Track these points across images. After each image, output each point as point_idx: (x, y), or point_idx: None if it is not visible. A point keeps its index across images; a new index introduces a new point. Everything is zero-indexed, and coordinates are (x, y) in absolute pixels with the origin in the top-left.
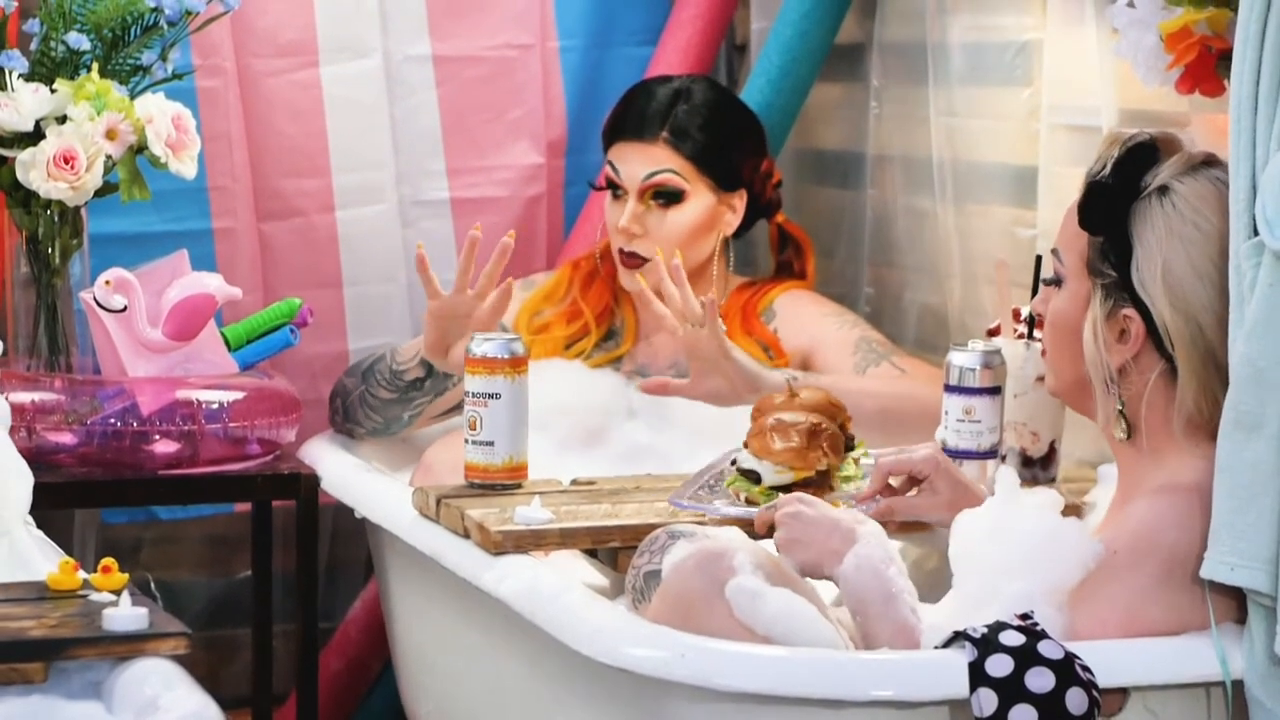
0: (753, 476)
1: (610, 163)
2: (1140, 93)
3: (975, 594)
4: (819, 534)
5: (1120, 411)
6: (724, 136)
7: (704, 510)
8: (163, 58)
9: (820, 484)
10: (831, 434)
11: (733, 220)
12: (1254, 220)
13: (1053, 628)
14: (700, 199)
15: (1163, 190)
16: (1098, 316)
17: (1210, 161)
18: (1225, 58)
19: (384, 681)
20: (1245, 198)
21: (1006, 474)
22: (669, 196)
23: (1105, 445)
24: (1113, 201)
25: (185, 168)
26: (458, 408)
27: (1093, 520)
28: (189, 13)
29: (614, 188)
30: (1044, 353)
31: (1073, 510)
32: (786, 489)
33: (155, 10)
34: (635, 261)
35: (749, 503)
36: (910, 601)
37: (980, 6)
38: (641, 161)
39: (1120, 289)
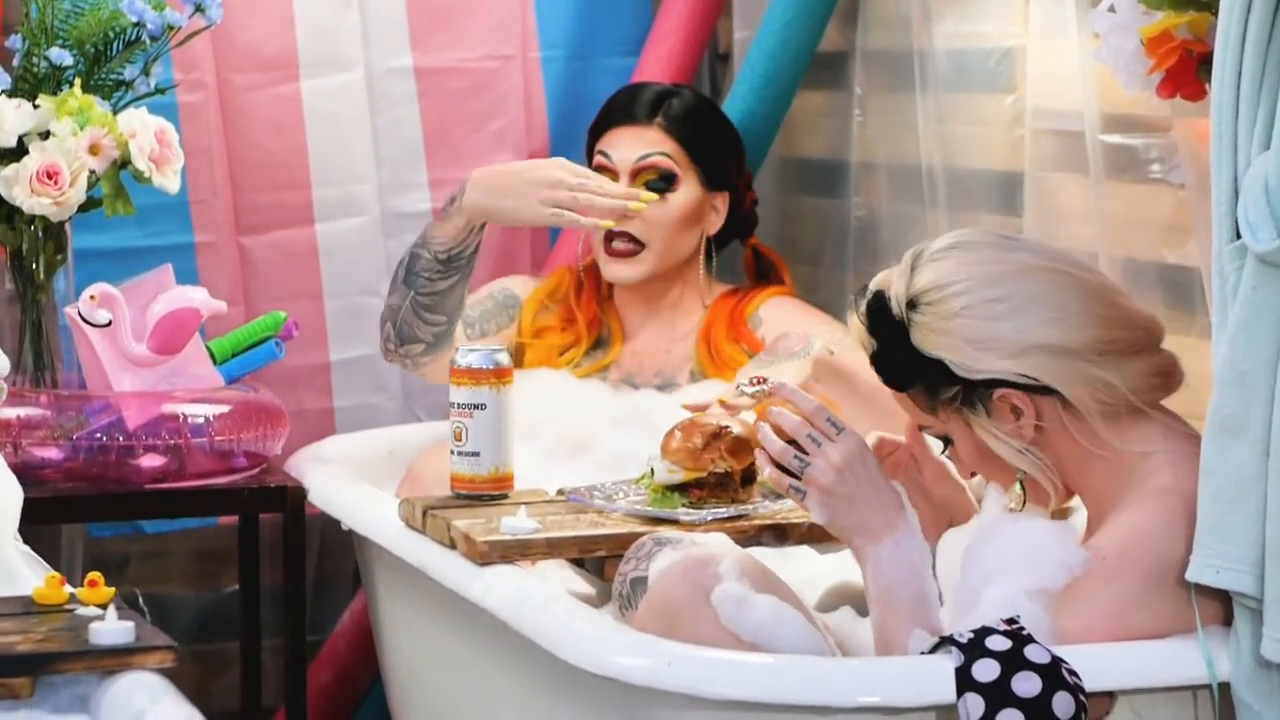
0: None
1: (601, 152)
2: (1122, 97)
3: (966, 598)
4: (868, 503)
5: (1048, 478)
6: (713, 132)
7: (583, 503)
8: (145, 72)
9: (718, 486)
10: (736, 438)
11: (715, 220)
12: (1236, 224)
13: (1039, 630)
14: (690, 188)
15: (912, 305)
16: (985, 425)
17: (919, 253)
18: (1206, 61)
19: (373, 694)
20: (1227, 201)
21: (994, 492)
22: (661, 180)
23: None
24: (893, 354)
25: (169, 182)
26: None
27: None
28: (171, 27)
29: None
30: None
31: (1059, 517)
32: (680, 489)
33: (137, 25)
34: (625, 249)
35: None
36: (936, 606)
37: (963, 14)
38: (635, 144)
39: (970, 391)
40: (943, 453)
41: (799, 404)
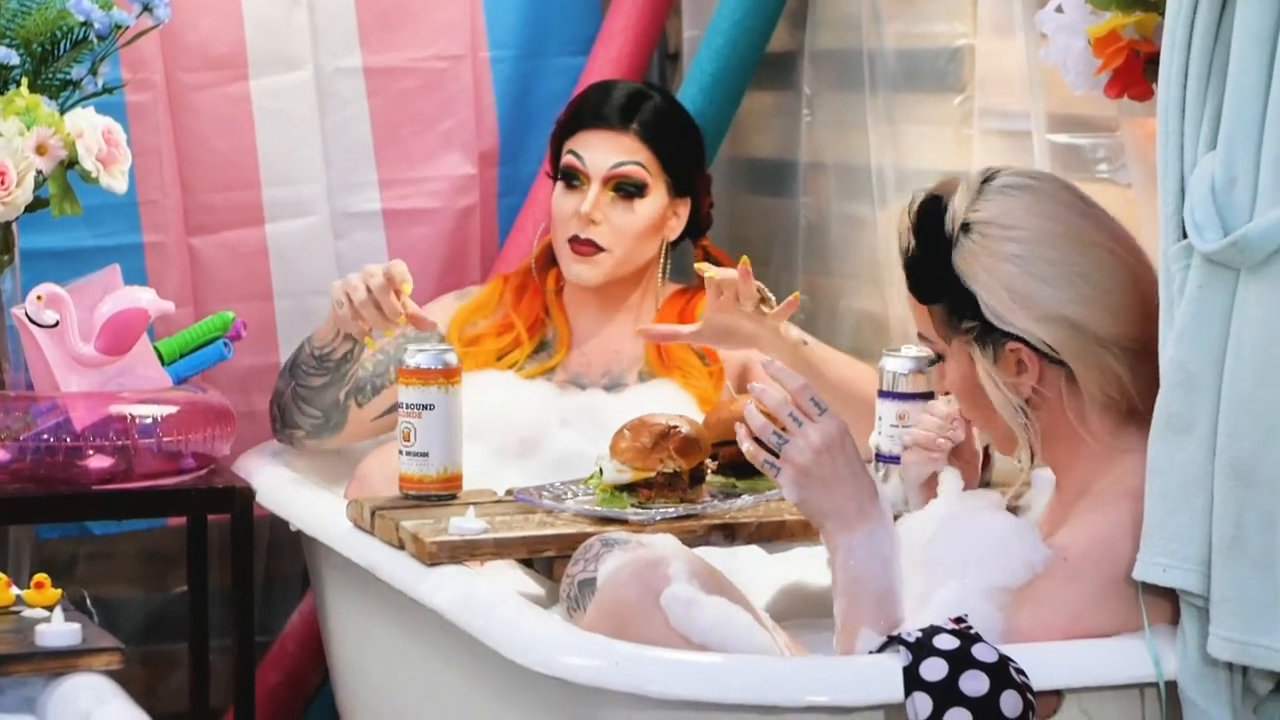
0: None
1: (572, 151)
2: (1070, 97)
3: (924, 591)
4: (843, 488)
5: (1029, 439)
6: (684, 140)
7: (532, 503)
8: (93, 72)
9: (667, 486)
10: (684, 438)
11: (676, 227)
12: (1183, 223)
13: (993, 627)
14: (657, 197)
15: (965, 228)
16: (987, 367)
17: (989, 176)
18: (1153, 61)
19: (322, 694)
20: (1174, 201)
21: (950, 477)
22: (632, 188)
23: None
24: (930, 265)
25: (116, 182)
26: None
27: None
28: (118, 26)
29: (572, 176)
30: (968, 423)
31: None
32: (629, 488)
33: (85, 24)
34: (588, 249)
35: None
36: (901, 600)
37: (911, 13)
38: (610, 150)
39: (989, 331)
40: (931, 364)
41: (784, 381)
